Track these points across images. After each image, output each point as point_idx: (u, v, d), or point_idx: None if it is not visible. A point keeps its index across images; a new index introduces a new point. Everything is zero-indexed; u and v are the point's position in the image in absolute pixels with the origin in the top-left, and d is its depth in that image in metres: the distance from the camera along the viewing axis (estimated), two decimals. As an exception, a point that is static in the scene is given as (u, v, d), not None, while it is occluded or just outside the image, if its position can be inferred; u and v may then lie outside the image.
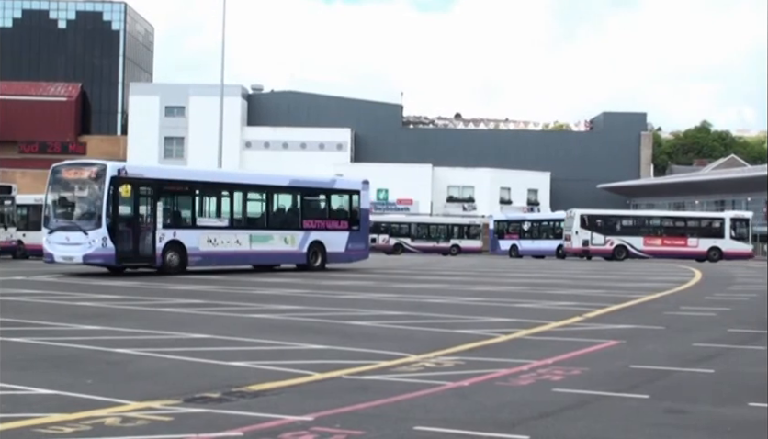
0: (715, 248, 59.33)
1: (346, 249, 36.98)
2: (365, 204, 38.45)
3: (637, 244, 59.53)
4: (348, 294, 23.35)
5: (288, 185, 36.49)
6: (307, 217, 36.07)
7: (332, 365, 10.70)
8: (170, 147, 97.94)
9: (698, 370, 11.01)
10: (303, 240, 35.39)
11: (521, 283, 29.97)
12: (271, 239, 34.51)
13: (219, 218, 33.40)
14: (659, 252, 59.78)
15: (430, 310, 18.69)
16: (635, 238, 59.97)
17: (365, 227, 38.52)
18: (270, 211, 35.24)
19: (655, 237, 60.23)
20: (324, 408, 8.14)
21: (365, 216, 38.50)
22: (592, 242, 59.41)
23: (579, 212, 62.60)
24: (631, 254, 59.20)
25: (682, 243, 59.97)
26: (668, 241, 60.05)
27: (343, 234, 36.88)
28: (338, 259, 36.88)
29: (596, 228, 60.13)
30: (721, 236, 60.03)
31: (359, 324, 15.81)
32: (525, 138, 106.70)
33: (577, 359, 11.74)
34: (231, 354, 11.64)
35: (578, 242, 59.74)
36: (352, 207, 37.79)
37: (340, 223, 37.06)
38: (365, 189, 38.61)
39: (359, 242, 37.83)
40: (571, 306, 20.17)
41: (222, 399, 8.60)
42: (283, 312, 17.82)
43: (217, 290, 24.19)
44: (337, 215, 37.30)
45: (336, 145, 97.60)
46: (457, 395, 9.08)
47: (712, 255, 58.80)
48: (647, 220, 62.87)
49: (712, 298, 23.51)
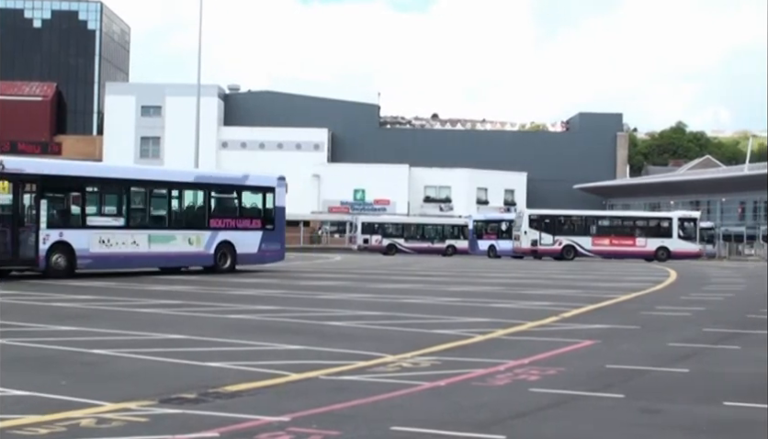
0: (663, 248, 59.50)
1: (259, 249, 34.70)
2: (280, 202, 36.18)
3: (585, 244, 59.64)
4: (325, 294, 23.33)
5: (194, 181, 34.17)
6: (215, 215, 33.68)
7: (308, 366, 10.68)
8: (146, 147, 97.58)
9: (673, 370, 11.06)
10: (210, 240, 32.97)
11: (498, 283, 30.03)
12: (173, 239, 32.02)
13: (113, 216, 30.85)
14: (607, 251, 59.94)
15: (407, 311, 18.69)
16: (583, 238, 59.99)
17: (280, 226, 36.30)
18: (172, 209, 32.85)
19: (604, 237, 60.32)
20: (301, 408, 8.13)
21: (280, 214, 36.30)
22: (541, 242, 59.55)
23: (527, 212, 63.03)
24: (579, 254, 59.27)
25: (630, 243, 60.12)
26: (616, 240, 60.16)
27: (255, 234, 34.59)
28: (250, 260, 34.69)
29: (545, 228, 60.29)
30: (669, 236, 60.19)
31: (336, 324, 15.80)
32: (501, 138, 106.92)
33: (553, 359, 11.78)
34: (207, 355, 11.60)
35: (527, 241, 59.88)
36: (266, 205, 35.52)
37: (252, 222, 34.79)
38: (280, 186, 36.40)
39: (274, 242, 35.61)
40: (548, 306, 20.23)
41: (198, 399, 8.57)
42: (260, 313, 17.78)
43: (193, 291, 24.10)
44: (249, 213, 35.05)
45: (313, 145, 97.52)
46: (434, 395, 9.09)
47: (660, 255, 58.95)
48: (595, 220, 62.87)
49: (687, 298, 23.63)
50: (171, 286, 25.91)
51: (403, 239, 75.10)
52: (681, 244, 59.77)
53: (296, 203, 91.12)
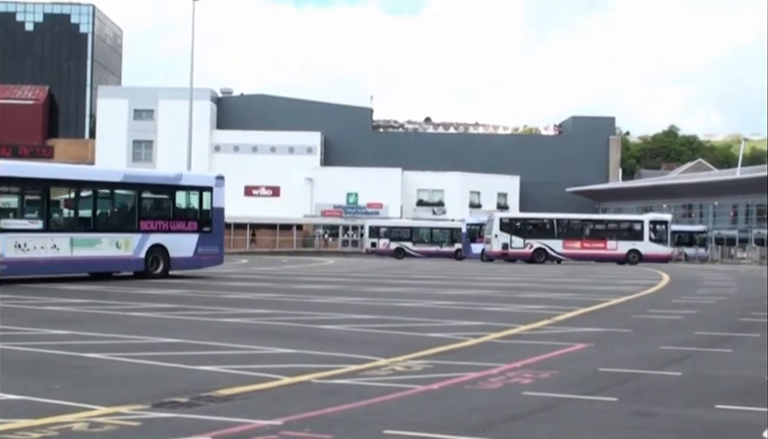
0: (634, 250, 59.62)
1: (195, 253, 32.72)
2: (219, 202, 33.84)
3: (556, 247, 59.80)
4: (318, 298, 23.31)
5: (122, 181, 32.03)
6: (145, 217, 31.62)
7: (301, 369, 10.67)
8: (139, 150, 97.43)
9: (666, 373, 11.08)
10: (140, 243, 31.06)
11: (491, 286, 30.04)
12: (98, 243, 29.84)
13: (31, 219, 28.69)
14: (578, 254, 60.09)
15: (400, 314, 18.69)
16: (554, 241, 60.19)
17: (219, 228, 34.13)
18: (98, 211, 30.82)
19: (575, 240, 60.44)
20: (294, 412, 8.12)
21: (219, 216, 33.97)
22: (512, 245, 59.65)
23: (498, 215, 63.38)
24: (550, 257, 59.45)
25: (601, 246, 60.25)
26: (587, 243, 60.30)
27: (191, 237, 32.63)
28: (185, 265, 32.63)
29: (516, 231, 60.49)
30: (640, 238, 60.30)
31: (329, 328, 15.79)
32: (494, 142, 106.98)
33: (546, 362, 11.79)
34: (199, 359, 11.58)
35: (497, 245, 60.06)
36: (203, 206, 33.50)
37: (187, 224, 32.77)
38: (219, 186, 34.08)
39: (212, 245, 33.50)
40: (540, 309, 20.24)
41: (191, 403, 8.55)
42: (253, 316, 17.76)
43: (186, 294, 24.07)
44: (184, 215, 33.04)
45: (306, 149, 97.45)
46: (427, 398, 9.09)
47: (631, 258, 59.11)
48: (566, 223, 63.00)
49: (679, 302, 23.67)
50: (164, 289, 25.86)
51: (411, 242, 74.99)
52: (652, 247, 59.82)
53: (289, 207, 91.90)
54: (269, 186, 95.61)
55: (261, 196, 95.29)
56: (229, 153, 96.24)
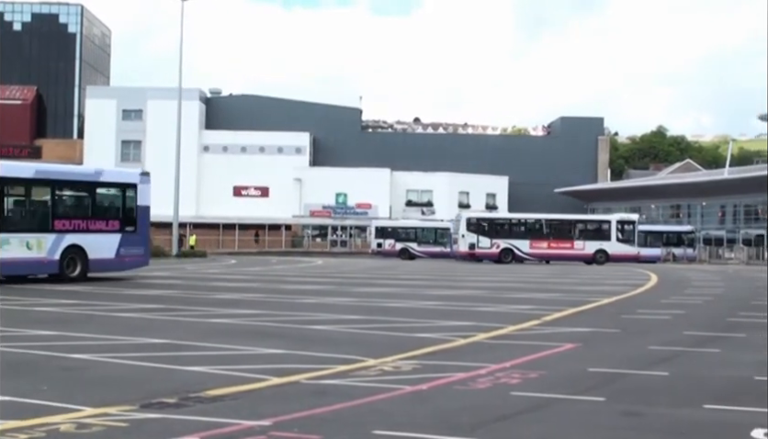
0: (601, 250, 59.68)
1: (117, 254, 30.56)
2: (144, 200, 31.80)
3: (523, 247, 59.77)
4: (307, 298, 23.29)
5: (33, 176, 29.51)
6: (60, 216, 29.30)
7: (290, 370, 10.66)
8: (127, 151, 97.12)
9: (654, 373, 11.11)
10: (55, 244, 28.70)
11: (480, 287, 30.06)
12: (6, 244, 27.35)
13: None
14: (545, 254, 60.14)
15: (389, 314, 18.69)
16: (521, 241, 60.13)
17: (144, 228, 32.04)
18: (6, 210, 28.37)
19: (542, 240, 60.44)
20: (282, 412, 8.11)
21: (143, 214, 31.84)
22: (479, 245, 59.61)
23: (465, 215, 62.99)
24: (518, 257, 59.39)
25: (568, 246, 60.30)
26: (554, 243, 60.28)
27: (112, 237, 30.46)
28: (106, 267, 30.49)
29: (483, 231, 60.41)
30: (608, 238, 60.34)
31: (318, 328, 15.78)
32: (483, 142, 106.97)
33: (535, 362, 11.80)
34: (188, 360, 11.56)
35: (464, 245, 59.99)
36: (126, 204, 31.41)
37: (108, 224, 30.56)
38: (144, 183, 32.05)
39: (136, 245, 31.37)
40: (529, 309, 20.27)
41: (179, 404, 8.54)
42: (241, 317, 17.74)
43: (174, 295, 24.03)
44: (105, 214, 30.94)
45: (295, 149, 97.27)
46: (416, 399, 9.09)
47: (598, 258, 59.17)
48: (534, 223, 63.00)
49: (668, 302, 23.73)
50: (152, 290, 25.82)
51: (416, 243, 74.87)
52: (619, 247, 59.88)
53: (278, 207, 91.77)
54: (258, 187, 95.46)
55: (250, 197, 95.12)
56: (218, 154, 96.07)
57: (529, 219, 65.19)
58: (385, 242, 74.85)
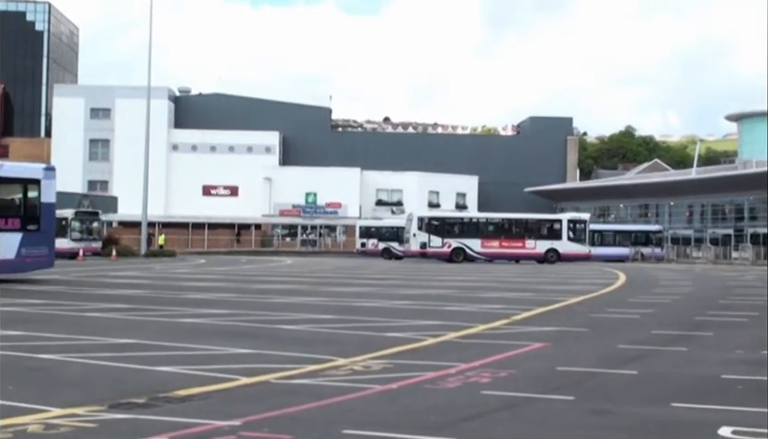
0: (552, 250, 59.90)
1: (18, 255, 28.17)
2: (48, 197, 29.28)
3: (474, 246, 59.88)
4: (277, 298, 23.24)
5: None
6: None
7: (260, 370, 10.64)
8: (95, 149, 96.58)
9: (623, 371, 11.17)
10: None
11: (450, 286, 30.11)
12: None
13: None
14: (497, 253, 60.28)
15: (359, 314, 18.69)
16: (473, 240, 60.22)
17: (48, 226, 29.53)
18: None
19: (493, 239, 60.60)
20: (252, 412, 8.09)
21: (48, 212, 29.37)
22: (430, 245, 59.64)
23: (417, 215, 62.99)
24: (469, 257, 59.46)
25: (519, 245, 60.47)
26: (506, 243, 60.43)
27: (12, 236, 28.02)
28: (5, 268, 27.76)
29: (434, 230, 60.43)
30: (559, 238, 60.58)
31: (288, 328, 15.75)
32: (453, 142, 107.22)
33: (504, 362, 11.84)
34: (157, 360, 11.50)
35: (416, 244, 60.00)
36: (27, 201, 29.12)
37: (8, 222, 28.12)
38: (48, 178, 29.48)
39: (39, 245, 28.83)
40: (499, 309, 20.32)
41: (148, 404, 8.49)
42: (211, 316, 17.67)
43: (143, 295, 23.90)
44: (4, 211, 28.66)
45: (265, 148, 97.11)
46: (386, 398, 9.10)
47: (549, 257, 59.41)
48: (485, 223, 63.23)
49: (636, 301, 23.87)
50: (120, 290, 25.67)
51: (399, 243, 74.77)
52: (570, 246, 60.11)
53: (247, 206, 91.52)
54: (227, 186, 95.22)
55: (219, 196, 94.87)
56: (187, 153, 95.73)
57: (481, 218, 65.68)
58: (368, 241, 74.91)
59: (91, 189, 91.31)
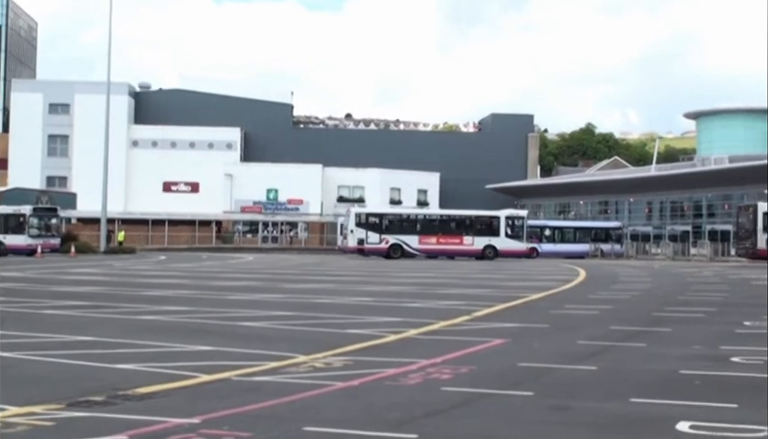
0: (490, 246, 59.91)
1: None
2: None
3: (412, 243, 59.80)
4: (237, 295, 23.17)
5: None
6: None
7: (220, 367, 10.60)
8: (54, 145, 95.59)
9: (582, 367, 11.24)
10: None
11: (410, 283, 30.15)
12: None
13: None
14: (434, 250, 60.30)
15: (319, 311, 18.68)
16: (410, 236, 60.12)
17: None
18: None
19: (431, 235, 60.58)
20: (212, 410, 8.06)
21: None
22: (368, 241, 59.47)
23: (354, 210, 62.79)
24: (407, 253, 59.41)
25: (457, 241, 60.53)
26: (443, 239, 60.43)
27: None
28: None
29: (372, 226, 60.30)
30: (497, 234, 60.65)
31: (248, 325, 15.71)
32: (414, 138, 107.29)
33: (465, 358, 11.88)
34: (116, 357, 11.43)
35: (353, 240, 59.85)
36: None
37: None
38: None
39: None
40: (460, 305, 20.39)
41: (107, 402, 8.44)
42: (170, 314, 17.59)
43: (102, 292, 23.72)
44: None
45: (226, 144, 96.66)
46: (347, 395, 9.10)
47: (488, 253, 59.43)
48: (423, 219, 63.24)
49: (596, 297, 24.03)
50: (80, 287, 25.46)
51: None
52: (508, 243, 60.24)
53: (208, 203, 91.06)
54: (188, 182, 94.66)
55: (180, 192, 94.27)
56: (147, 149, 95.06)
57: (419, 214, 65.73)
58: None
59: (50, 185, 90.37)
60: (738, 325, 16.64)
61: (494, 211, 64.99)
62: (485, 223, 62.09)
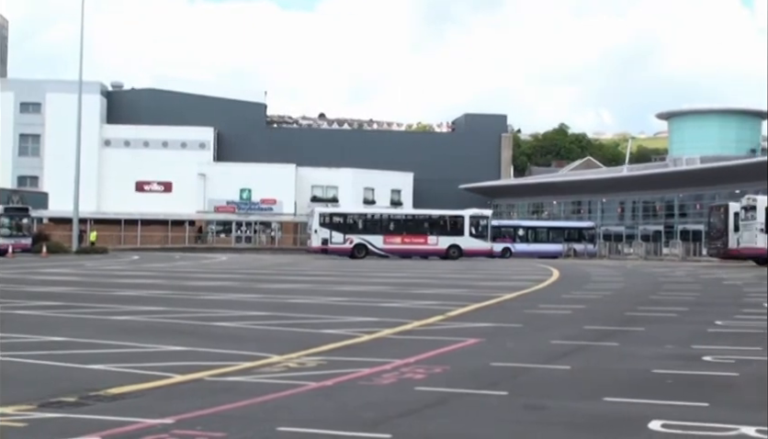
0: (454, 246, 60.19)
1: None
2: None
3: (376, 243, 59.89)
4: (211, 295, 23.10)
5: None
6: None
7: (193, 367, 10.56)
8: (25, 144, 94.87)
9: (556, 367, 11.28)
10: None
11: (385, 283, 30.17)
12: None
13: None
14: (399, 250, 60.36)
15: (294, 311, 18.65)
16: (375, 236, 60.22)
17: None
18: None
19: (395, 235, 60.73)
20: (186, 410, 8.03)
21: None
22: (332, 241, 59.46)
23: (318, 210, 62.58)
24: (371, 253, 59.50)
25: (422, 241, 60.75)
26: (408, 239, 60.64)
27: None
28: None
29: (336, 226, 60.34)
30: (461, 234, 60.89)
31: (222, 325, 15.67)
32: (388, 138, 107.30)
33: (439, 357, 11.89)
34: (89, 357, 11.36)
35: (317, 240, 59.74)
36: None
37: None
38: None
39: None
40: (434, 305, 20.41)
41: (79, 403, 8.38)
42: (144, 314, 17.52)
43: (75, 292, 23.57)
44: None
45: (199, 144, 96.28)
46: (321, 395, 9.08)
47: (452, 253, 59.67)
48: (388, 218, 63.37)
49: (569, 297, 24.12)
50: (51, 287, 25.30)
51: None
52: (472, 243, 60.45)
53: (181, 202, 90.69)
54: (161, 182, 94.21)
55: (153, 192, 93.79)
56: (119, 148, 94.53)
57: (384, 213, 65.71)
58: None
59: (21, 185, 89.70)
60: (709, 324, 16.76)
61: (458, 211, 64.75)
62: (449, 223, 62.22)
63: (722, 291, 28.28)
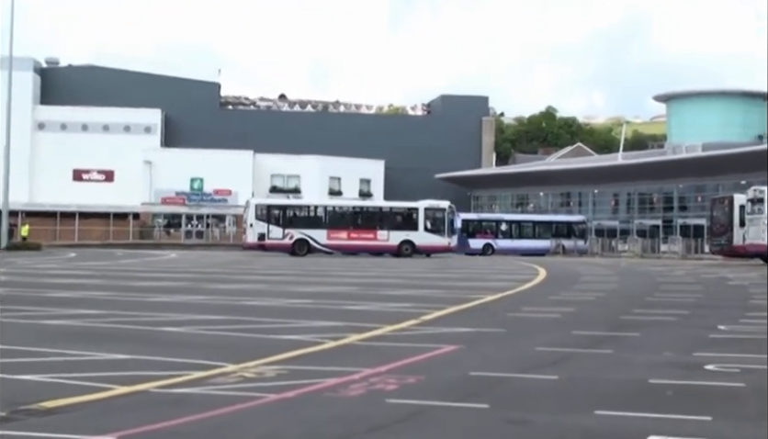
0: (407, 241, 60.42)
1: None
2: None
3: (320, 238, 59.98)
4: (157, 296, 23.03)
5: None
6: None
7: (138, 378, 10.52)
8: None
9: (541, 376, 11.30)
10: None
11: (352, 283, 30.18)
12: None
13: None
14: (345, 246, 60.55)
15: (250, 314, 18.62)
16: (318, 231, 60.34)
17: None
18: None
19: (341, 230, 60.86)
20: (129, 425, 7.99)
21: None
22: (270, 236, 59.38)
23: (254, 202, 62.67)
24: (313, 249, 59.55)
25: (371, 237, 60.92)
26: (355, 234, 60.77)
27: None
28: None
29: (274, 220, 60.31)
30: (415, 228, 61.13)
31: (169, 330, 15.62)
32: (356, 122, 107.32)
33: (413, 366, 11.90)
34: (19, 367, 11.29)
35: (253, 235, 59.73)
36: None
37: None
38: None
39: None
40: (407, 308, 20.44)
41: (9, 418, 8.33)
42: (81, 317, 17.43)
43: (5, 293, 23.41)
44: None
45: (144, 128, 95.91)
46: (282, 408, 9.08)
47: (404, 250, 59.92)
48: (333, 211, 63.54)
49: (557, 298, 24.22)
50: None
51: None
52: (427, 238, 60.71)
53: (124, 193, 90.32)
54: (102, 170, 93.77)
55: (92, 181, 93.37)
56: (55, 132, 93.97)
57: (328, 205, 65.60)
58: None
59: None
60: (712, 329, 16.88)
61: (412, 203, 64.75)
62: (402, 216, 62.31)
63: (726, 292, 28.51)
